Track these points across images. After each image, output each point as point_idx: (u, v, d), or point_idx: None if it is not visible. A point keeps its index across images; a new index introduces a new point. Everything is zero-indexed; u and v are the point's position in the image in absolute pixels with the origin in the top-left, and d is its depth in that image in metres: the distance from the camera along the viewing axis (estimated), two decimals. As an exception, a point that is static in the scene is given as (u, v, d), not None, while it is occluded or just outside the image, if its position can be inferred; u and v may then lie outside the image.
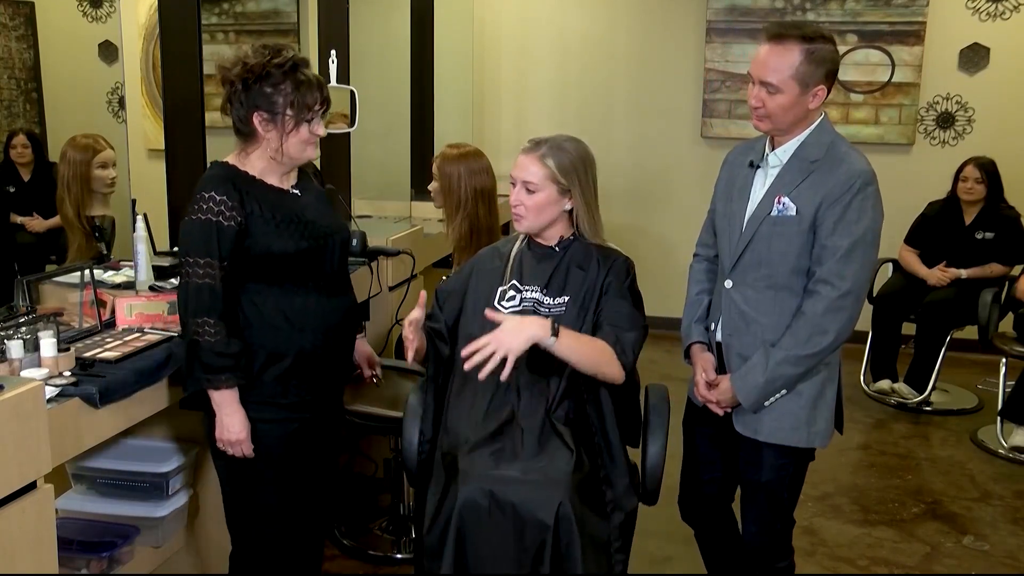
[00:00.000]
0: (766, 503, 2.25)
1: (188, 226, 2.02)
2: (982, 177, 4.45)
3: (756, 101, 2.09)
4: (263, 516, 2.18)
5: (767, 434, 2.18)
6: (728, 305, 2.21)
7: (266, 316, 2.08)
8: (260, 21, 4.12)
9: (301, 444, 2.17)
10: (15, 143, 2.86)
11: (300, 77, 2.06)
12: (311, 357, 2.12)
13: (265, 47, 2.06)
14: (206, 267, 1.99)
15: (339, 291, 2.22)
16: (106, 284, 2.60)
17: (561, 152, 2.21)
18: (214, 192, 2.01)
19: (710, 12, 5.48)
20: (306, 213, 2.13)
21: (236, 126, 2.09)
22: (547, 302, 2.24)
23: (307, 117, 2.07)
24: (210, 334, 1.99)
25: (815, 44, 2.04)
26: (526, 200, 2.23)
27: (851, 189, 2.05)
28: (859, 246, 2.05)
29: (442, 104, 5.17)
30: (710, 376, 2.25)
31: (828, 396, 2.20)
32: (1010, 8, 5.17)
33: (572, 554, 1.97)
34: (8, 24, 2.85)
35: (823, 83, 2.06)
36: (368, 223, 3.78)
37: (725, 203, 2.26)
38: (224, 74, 2.06)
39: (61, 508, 2.43)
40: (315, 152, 2.15)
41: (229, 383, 2.02)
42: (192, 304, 2.00)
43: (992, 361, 4.59)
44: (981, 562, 3.11)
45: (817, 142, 2.12)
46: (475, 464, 2.07)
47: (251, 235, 2.04)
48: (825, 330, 2.07)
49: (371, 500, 3.41)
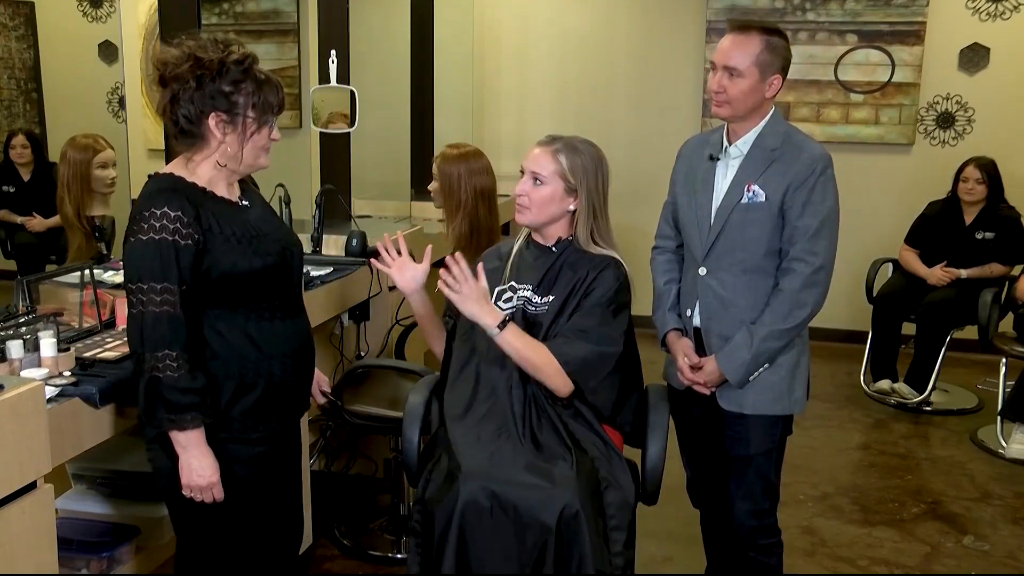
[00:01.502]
0: (755, 477, 2.36)
1: (136, 248, 1.77)
2: (983, 178, 4.45)
3: (718, 87, 2.25)
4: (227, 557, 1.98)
5: (752, 407, 2.30)
6: (704, 291, 2.32)
7: (233, 344, 1.87)
8: (260, 21, 4.13)
9: (269, 478, 2.00)
10: (14, 143, 2.86)
11: (259, 75, 1.87)
12: (280, 386, 1.94)
13: (214, 40, 1.84)
14: (163, 293, 1.76)
15: (297, 311, 2.03)
16: (106, 284, 2.59)
17: (574, 152, 2.25)
18: (166, 208, 1.77)
19: (710, 12, 5.47)
20: (261, 226, 1.94)
21: (182, 128, 1.85)
22: (536, 300, 2.25)
23: (268, 120, 1.89)
24: (172, 368, 1.76)
25: (773, 37, 2.23)
26: (532, 192, 2.24)
27: (814, 173, 2.22)
28: (826, 224, 2.22)
29: (442, 104, 5.18)
30: (693, 359, 2.35)
31: (803, 365, 2.35)
32: (1010, 8, 5.16)
33: (578, 555, 1.97)
34: (8, 24, 2.85)
35: (779, 73, 2.25)
36: (368, 223, 3.78)
37: (689, 195, 2.38)
38: (168, 71, 1.82)
39: (61, 508, 2.43)
40: (268, 160, 1.96)
41: (195, 422, 1.80)
42: (150, 337, 1.76)
43: (992, 361, 4.58)
44: (981, 562, 3.11)
45: (773, 132, 2.28)
46: (476, 460, 2.06)
47: (210, 254, 1.82)
48: (804, 303, 2.23)
49: (371, 500, 3.41)
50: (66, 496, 2.50)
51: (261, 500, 2.00)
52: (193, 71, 1.81)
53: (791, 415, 2.36)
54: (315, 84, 3.62)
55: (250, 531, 2.00)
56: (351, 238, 3.26)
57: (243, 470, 1.93)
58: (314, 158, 3.91)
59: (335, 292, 3.00)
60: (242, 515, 1.97)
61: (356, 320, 3.26)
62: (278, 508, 2.07)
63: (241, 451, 1.92)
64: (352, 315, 3.23)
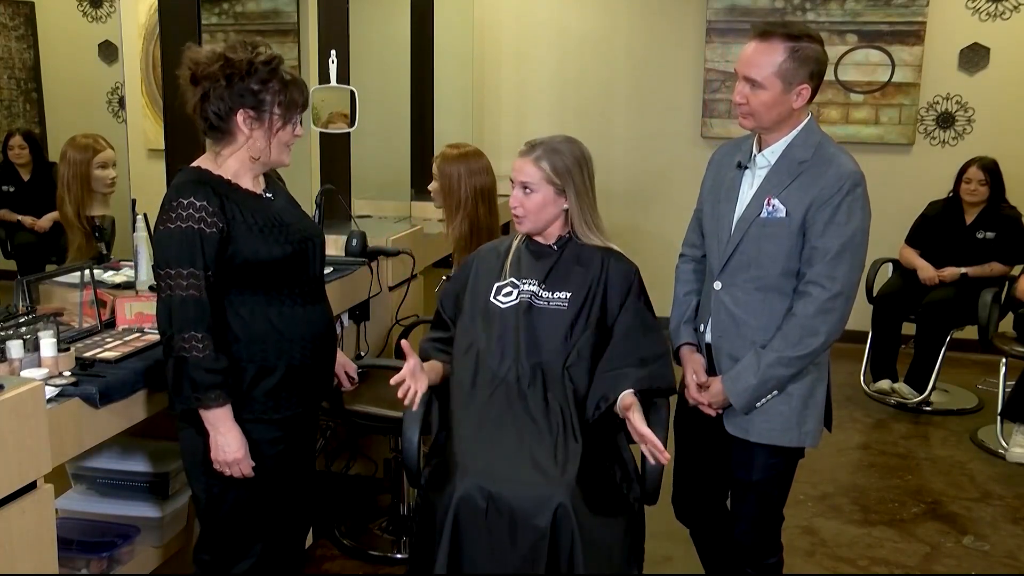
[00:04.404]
0: (756, 502, 2.27)
1: (165, 235, 1.90)
2: (986, 179, 4.45)
3: (740, 98, 2.11)
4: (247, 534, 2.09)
5: (758, 435, 2.19)
6: (717, 307, 2.22)
7: (254, 328, 1.99)
8: (260, 21, 4.12)
9: (290, 460, 2.11)
10: (12, 144, 2.85)
11: (286, 75, 1.99)
12: (300, 369, 2.05)
13: (244, 43, 1.97)
14: (189, 278, 1.88)
15: (319, 298, 2.14)
16: (106, 284, 2.60)
17: (555, 154, 2.26)
18: (192, 198, 1.90)
19: (710, 12, 5.48)
20: (284, 217, 2.06)
21: (212, 124, 1.98)
22: (545, 295, 2.26)
23: (293, 117, 2.02)
24: (198, 349, 1.88)
25: (800, 43, 2.05)
26: (525, 201, 2.27)
27: (840, 191, 2.06)
28: (849, 247, 2.07)
29: (442, 104, 5.17)
30: (701, 378, 2.26)
31: (818, 396, 2.21)
32: (1010, 8, 5.16)
33: (573, 556, 1.97)
34: (8, 24, 2.85)
35: (807, 82, 2.07)
36: (368, 223, 3.78)
37: (713, 204, 2.27)
38: (200, 70, 1.95)
39: (61, 508, 2.43)
40: (290, 158, 2.07)
41: (220, 400, 1.91)
42: (177, 318, 1.88)
43: (992, 361, 4.58)
44: (981, 562, 3.11)
45: (805, 143, 2.13)
46: (475, 457, 2.06)
47: (234, 242, 1.94)
48: (816, 331, 2.09)
49: (371, 500, 3.41)
50: (66, 496, 2.50)
51: (281, 481, 2.09)
52: (224, 70, 1.93)
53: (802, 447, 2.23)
54: (315, 84, 3.62)
55: (269, 511, 2.09)
56: (351, 238, 3.26)
57: (266, 450, 2.03)
58: (314, 158, 3.91)
59: (335, 292, 3.00)
60: (263, 495, 2.06)
61: (356, 320, 3.26)
62: (296, 490, 2.16)
63: (264, 432, 2.02)
64: (352, 315, 3.23)
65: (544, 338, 2.23)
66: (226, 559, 2.11)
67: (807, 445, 2.22)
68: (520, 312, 2.25)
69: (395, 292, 3.48)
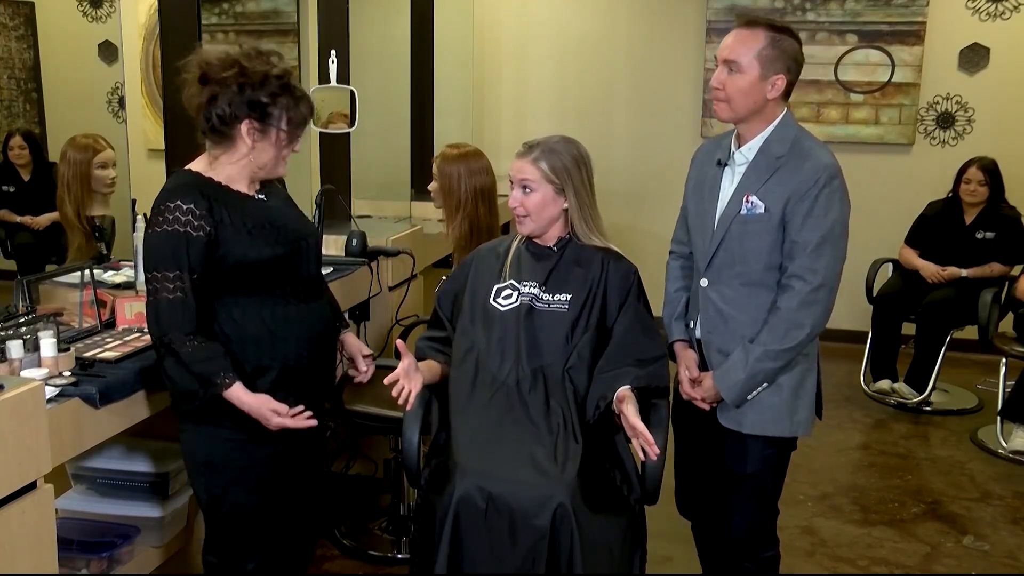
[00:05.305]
0: (752, 494, 2.30)
1: (153, 239, 1.91)
2: (986, 179, 4.46)
3: (717, 83, 2.15)
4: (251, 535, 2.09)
5: (751, 426, 2.23)
6: (705, 303, 2.26)
7: (247, 329, 1.98)
8: (260, 21, 4.12)
9: (291, 461, 2.10)
10: (11, 144, 2.85)
11: (297, 92, 1.99)
12: (295, 369, 2.03)
13: (259, 52, 1.97)
14: (176, 280, 1.89)
15: (316, 297, 2.13)
16: (106, 284, 2.59)
17: (553, 154, 2.26)
18: (180, 201, 1.90)
19: (710, 12, 5.48)
20: (276, 218, 2.05)
21: (213, 126, 1.96)
22: (545, 298, 2.26)
23: (297, 134, 2.02)
24: (187, 346, 1.89)
25: (781, 35, 2.12)
26: (526, 201, 2.27)
27: (817, 184, 2.10)
28: (828, 240, 2.11)
29: (442, 104, 5.17)
30: (693, 373, 2.31)
31: (808, 386, 2.25)
32: (1010, 8, 5.17)
33: (572, 556, 1.97)
34: (8, 24, 2.85)
35: (783, 74, 2.13)
36: (368, 223, 3.78)
37: (696, 202, 2.31)
38: (212, 72, 1.94)
39: (61, 508, 2.43)
40: (285, 169, 2.07)
41: (228, 379, 1.91)
42: (164, 320, 1.90)
43: (992, 361, 4.58)
44: (981, 562, 3.11)
45: (781, 137, 2.17)
46: (475, 457, 2.06)
47: (222, 244, 1.94)
48: (801, 324, 2.13)
49: (371, 500, 3.41)
50: (66, 496, 2.50)
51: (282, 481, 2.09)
52: (237, 78, 1.92)
53: (794, 437, 2.27)
54: (315, 84, 3.62)
55: (272, 512, 2.09)
56: (351, 238, 3.26)
57: (265, 450, 2.02)
58: (314, 158, 3.91)
59: (335, 292, 2.98)
60: (263, 495, 2.06)
61: (356, 320, 3.26)
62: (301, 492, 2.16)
63: (262, 432, 1.99)
64: (352, 315, 3.23)
65: (545, 340, 2.23)
66: (232, 560, 2.11)
67: (799, 434, 2.26)
68: (520, 315, 2.25)
69: (395, 292, 3.48)
